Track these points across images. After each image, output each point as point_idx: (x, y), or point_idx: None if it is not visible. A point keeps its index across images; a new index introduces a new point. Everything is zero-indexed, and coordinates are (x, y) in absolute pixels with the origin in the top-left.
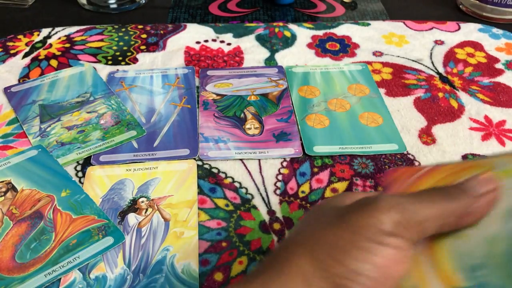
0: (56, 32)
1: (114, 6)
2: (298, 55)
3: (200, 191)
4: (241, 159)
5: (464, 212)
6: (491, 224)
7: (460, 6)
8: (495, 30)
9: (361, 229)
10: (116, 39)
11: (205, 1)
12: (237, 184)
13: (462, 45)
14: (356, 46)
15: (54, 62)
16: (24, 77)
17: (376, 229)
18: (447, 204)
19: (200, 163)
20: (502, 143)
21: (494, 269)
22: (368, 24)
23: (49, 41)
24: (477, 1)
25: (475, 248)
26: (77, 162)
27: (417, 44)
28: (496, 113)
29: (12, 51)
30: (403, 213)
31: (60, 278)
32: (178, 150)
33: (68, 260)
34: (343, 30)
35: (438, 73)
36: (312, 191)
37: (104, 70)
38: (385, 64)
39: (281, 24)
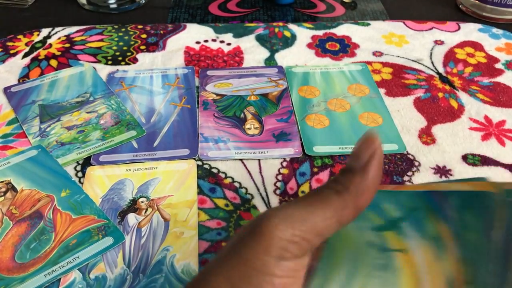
0: (56, 32)
1: (114, 6)
2: (298, 55)
3: (200, 191)
4: (241, 159)
5: (358, 194)
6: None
7: (460, 6)
8: (495, 30)
9: (250, 261)
10: (116, 39)
11: (205, 1)
12: (237, 184)
13: (462, 45)
14: (356, 46)
15: (54, 62)
16: (24, 77)
17: (263, 259)
18: (336, 200)
19: (200, 163)
20: (502, 143)
21: None
22: (368, 24)
23: (49, 41)
24: (477, 1)
25: None
26: (77, 162)
27: (417, 44)
28: (496, 113)
29: (12, 51)
30: (292, 228)
31: (60, 278)
32: (178, 150)
33: (68, 260)
34: (343, 30)
35: (438, 73)
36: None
37: (104, 70)
38: (385, 64)
39: (281, 24)
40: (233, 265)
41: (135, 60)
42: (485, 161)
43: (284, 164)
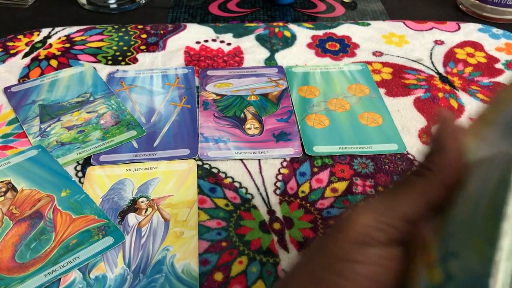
0: (56, 32)
1: (114, 6)
2: (298, 55)
3: (200, 191)
4: (241, 159)
5: (441, 171)
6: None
7: (460, 6)
8: (495, 30)
9: (331, 249)
10: (116, 39)
11: (205, 1)
12: (237, 184)
13: (462, 45)
14: (356, 46)
15: (54, 62)
16: (24, 77)
17: (344, 245)
18: (421, 183)
19: (200, 163)
20: None
21: (460, 237)
22: (368, 24)
23: (49, 41)
24: (477, 1)
25: (450, 217)
26: (77, 162)
27: (417, 44)
28: None
29: (12, 51)
30: (376, 214)
31: (60, 278)
32: (178, 150)
33: (68, 260)
34: (343, 30)
35: (438, 73)
36: (312, 191)
37: (104, 70)
38: (385, 64)
39: (281, 24)
40: (315, 257)
41: (135, 60)
42: None
43: (284, 164)
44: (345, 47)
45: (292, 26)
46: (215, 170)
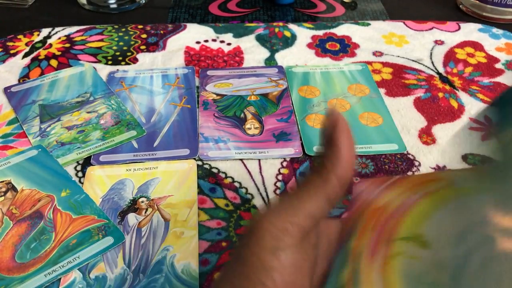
0: (56, 32)
1: (114, 6)
2: (298, 55)
3: (200, 191)
4: (241, 159)
5: (334, 165)
6: (444, 247)
7: (460, 6)
8: (495, 30)
9: (247, 259)
10: (116, 39)
11: (205, 1)
12: (237, 184)
13: (462, 45)
14: (356, 46)
15: (54, 62)
16: (24, 77)
17: (258, 253)
18: (317, 179)
19: (200, 163)
20: None
21: None
22: (368, 24)
23: (49, 41)
24: (477, 1)
25: (424, 272)
26: (77, 162)
27: (417, 44)
28: None
29: (12, 51)
30: (279, 215)
31: (60, 278)
32: (178, 150)
33: (68, 260)
34: (343, 30)
35: (438, 73)
36: None
37: (104, 70)
38: (385, 64)
39: (281, 24)
40: (234, 268)
41: (135, 60)
42: (485, 161)
43: (284, 164)
44: (345, 47)
45: (292, 26)
46: (215, 170)
